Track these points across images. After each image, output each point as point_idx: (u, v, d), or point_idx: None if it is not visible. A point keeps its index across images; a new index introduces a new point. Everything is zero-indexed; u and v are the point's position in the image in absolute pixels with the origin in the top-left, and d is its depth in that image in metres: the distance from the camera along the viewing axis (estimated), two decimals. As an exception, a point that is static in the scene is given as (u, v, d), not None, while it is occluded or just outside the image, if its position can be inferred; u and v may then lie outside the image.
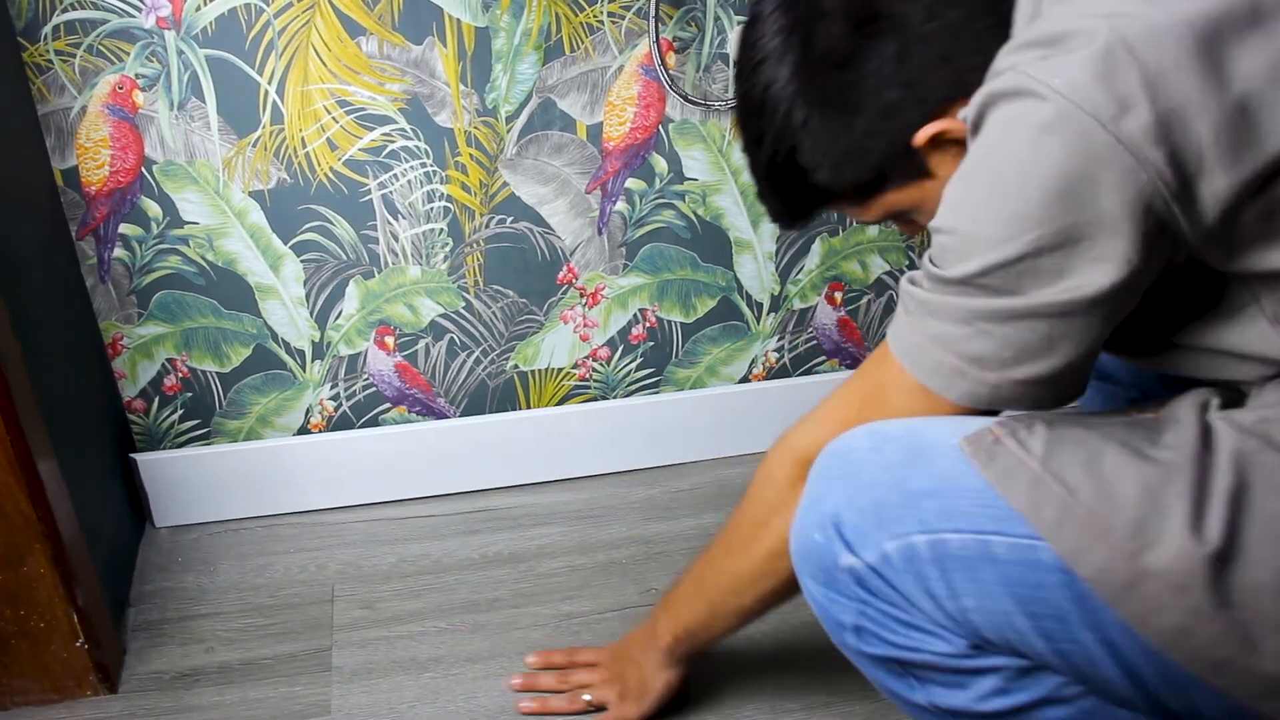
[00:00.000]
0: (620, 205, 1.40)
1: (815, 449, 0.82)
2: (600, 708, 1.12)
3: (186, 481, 1.41)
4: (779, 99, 0.78)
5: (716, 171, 1.40)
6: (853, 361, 1.60)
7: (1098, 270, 0.67)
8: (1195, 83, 0.64)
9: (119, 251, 1.28)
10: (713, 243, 1.45)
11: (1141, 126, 0.64)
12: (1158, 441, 0.71)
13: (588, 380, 1.52)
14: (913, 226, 0.86)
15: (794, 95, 0.77)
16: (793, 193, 0.84)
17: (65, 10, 1.14)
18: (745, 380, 1.58)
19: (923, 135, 0.76)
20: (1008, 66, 0.69)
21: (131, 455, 1.39)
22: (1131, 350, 0.81)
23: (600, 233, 1.41)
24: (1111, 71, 0.65)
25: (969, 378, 0.73)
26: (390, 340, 1.41)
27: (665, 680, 1.07)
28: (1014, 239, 0.68)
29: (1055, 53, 0.67)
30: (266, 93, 1.23)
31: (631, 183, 1.39)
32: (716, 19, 1.30)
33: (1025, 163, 0.67)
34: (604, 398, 1.54)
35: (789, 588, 0.91)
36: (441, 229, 1.36)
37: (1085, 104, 0.65)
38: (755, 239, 1.46)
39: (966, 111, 0.72)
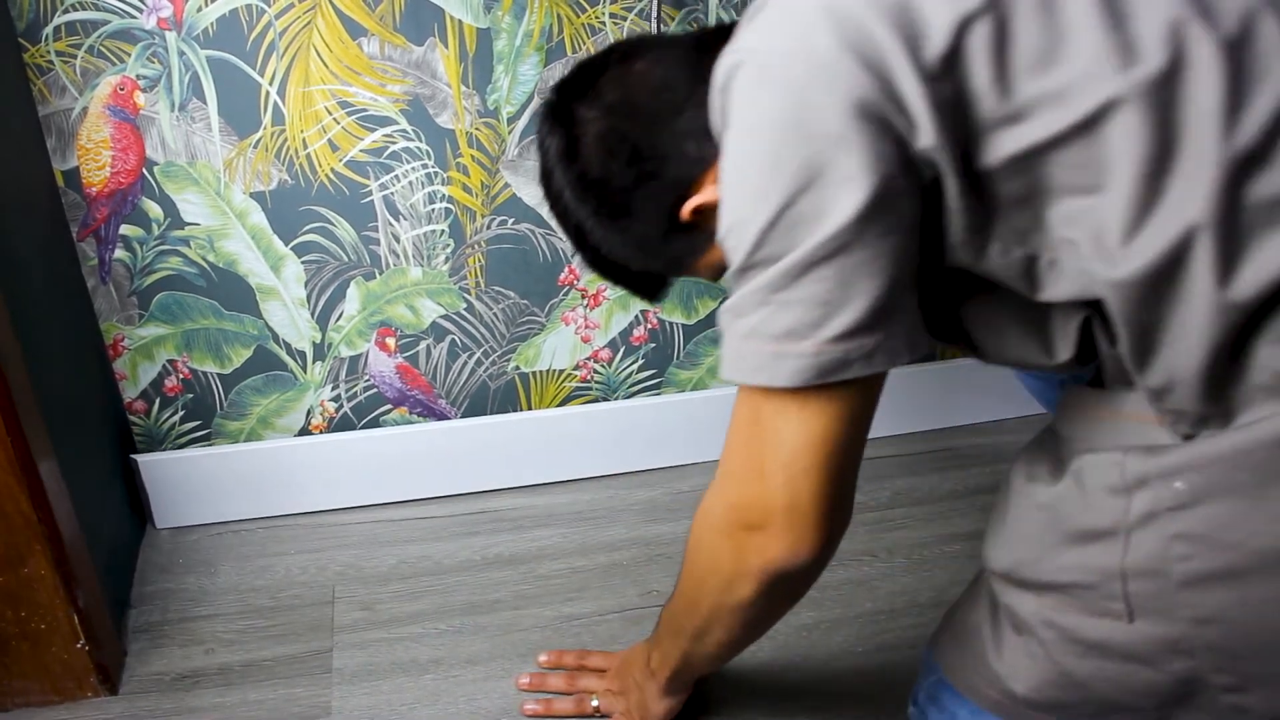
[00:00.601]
0: (621, 206, 1.39)
1: (724, 506, 0.81)
2: (606, 716, 1.13)
3: (187, 482, 1.41)
4: (569, 210, 0.87)
5: (718, 173, 1.40)
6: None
7: (850, 190, 0.67)
8: None
9: (120, 252, 1.28)
10: (714, 244, 1.45)
11: (828, 43, 0.67)
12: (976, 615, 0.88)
13: (589, 382, 1.52)
14: None
15: (578, 208, 0.86)
16: (626, 280, 0.93)
17: (66, 11, 1.14)
18: (746, 382, 1.58)
19: (685, 213, 0.82)
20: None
21: (132, 456, 1.39)
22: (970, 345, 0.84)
23: (601, 234, 1.41)
24: (790, 9, 0.70)
25: (788, 356, 0.71)
26: (391, 341, 1.41)
27: (667, 707, 1.08)
28: (767, 198, 0.68)
29: (744, 27, 0.73)
30: (268, 94, 1.23)
31: (633, 184, 1.39)
32: (718, 20, 1.30)
33: (750, 125, 0.70)
34: (605, 399, 1.54)
35: (743, 635, 0.91)
36: (443, 230, 1.35)
37: (775, 45, 0.69)
38: (757, 240, 1.46)
39: (713, 120, 0.75)
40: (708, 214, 0.80)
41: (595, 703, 1.13)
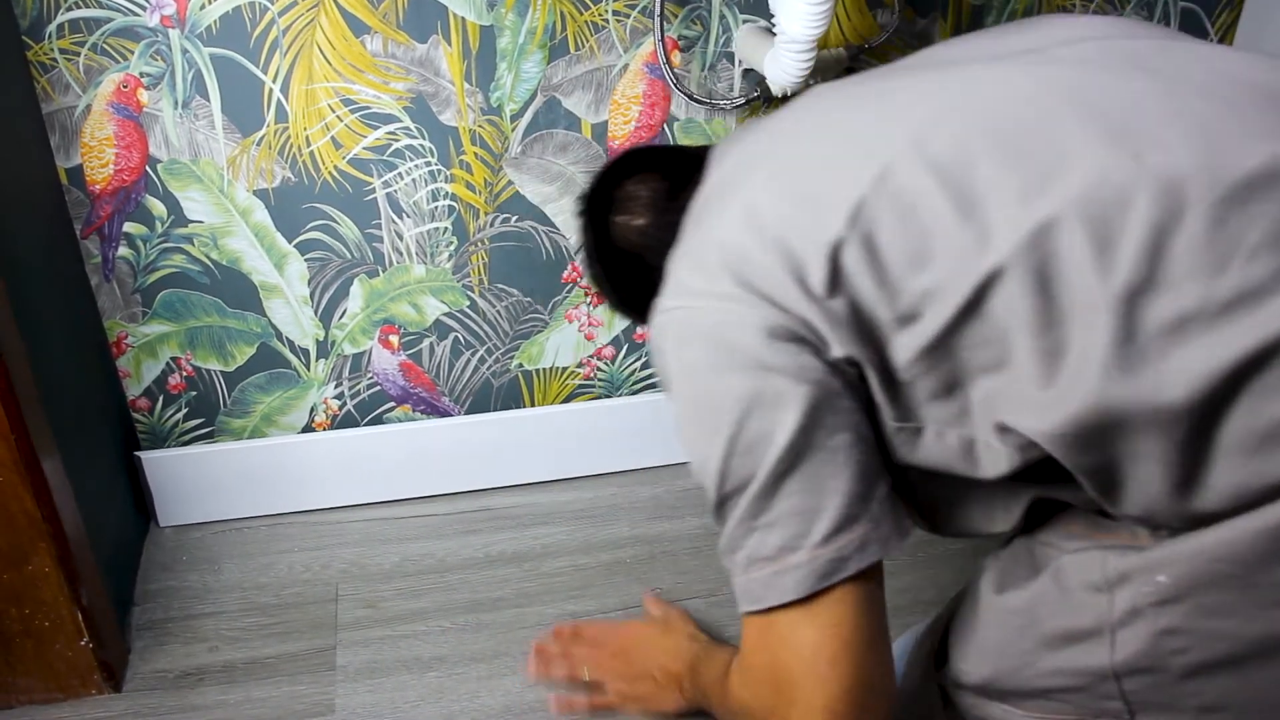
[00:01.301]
0: (625, 204, 1.39)
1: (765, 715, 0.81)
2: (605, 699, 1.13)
3: (191, 480, 1.41)
4: (598, 284, 0.99)
5: (721, 170, 1.40)
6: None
7: (788, 406, 0.72)
8: (733, 239, 0.76)
9: (123, 250, 1.28)
10: (717, 242, 1.45)
11: (729, 288, 0.74)
12: None
13: (592, 379, 1.52)
14: None
15: (603, 288, 0.98)
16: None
17: (69, 9, 1.14)
18: (750, 379, 1.58)
19: None
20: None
21: (136, 454, 1.39)
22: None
23: (605, 231, 1.41)
24: (697, 258, 0.78)
25: (787, 570, 0.74)
26: (395, 339, 1.41)
27: (679, 708, 1.08)
28: (717, 434, 0.74)
29: (674, 262, 0.81)
30: (271, 91, 1.22)
31: (636, 181, 1.38)
32: (722, 17, 1.30)
33: (685, 377, 0.78)
34: (608, 396, 1.54)
35: None
36: (446, 228, 1.35)
37: (689, 301, 0.77)
38: (760, 238, 1.46)
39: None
40: None
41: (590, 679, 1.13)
